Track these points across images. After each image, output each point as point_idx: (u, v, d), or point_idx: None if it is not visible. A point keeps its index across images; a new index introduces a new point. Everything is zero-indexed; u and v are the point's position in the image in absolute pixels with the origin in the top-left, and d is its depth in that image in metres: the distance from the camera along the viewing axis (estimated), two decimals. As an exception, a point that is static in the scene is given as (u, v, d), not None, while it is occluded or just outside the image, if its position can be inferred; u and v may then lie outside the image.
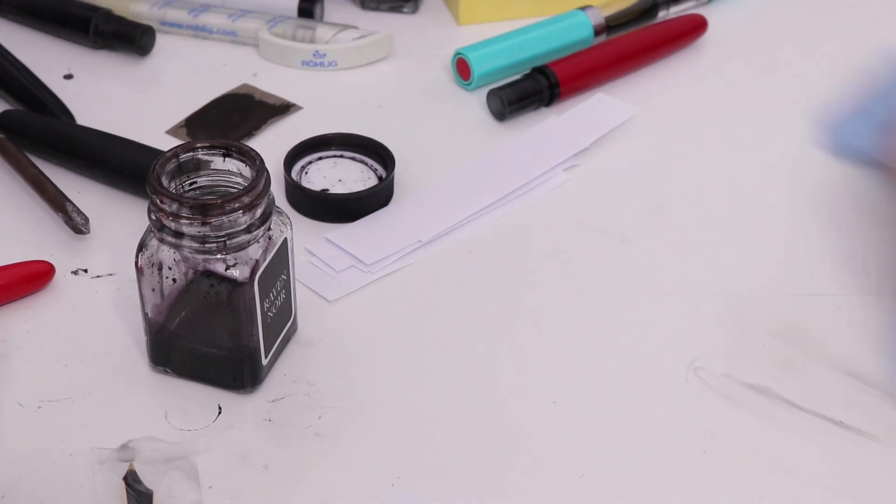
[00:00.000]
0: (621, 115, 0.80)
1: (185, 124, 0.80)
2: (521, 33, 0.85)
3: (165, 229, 0.60)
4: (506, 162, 0.77)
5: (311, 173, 0.76)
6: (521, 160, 0.77)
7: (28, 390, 0.63)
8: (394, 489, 0.59)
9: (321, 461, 0.61)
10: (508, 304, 0.69)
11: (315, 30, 0.86)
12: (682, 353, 0.66)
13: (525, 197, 0.75)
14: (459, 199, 0.74)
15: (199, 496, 0.58)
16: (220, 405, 0.63)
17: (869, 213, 0.73)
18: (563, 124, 0.80)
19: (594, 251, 0.72)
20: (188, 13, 0.87)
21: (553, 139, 0.79)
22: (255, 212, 0.60)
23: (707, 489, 0.60)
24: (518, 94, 0.81)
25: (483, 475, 0.60)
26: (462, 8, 0.89)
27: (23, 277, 0.68)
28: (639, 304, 0.69)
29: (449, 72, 0.85)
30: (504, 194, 0.75)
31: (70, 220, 0.71)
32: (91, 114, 0.80)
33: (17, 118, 0.78)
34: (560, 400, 0.64)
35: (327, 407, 0.63)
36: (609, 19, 0.87)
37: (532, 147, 0.78)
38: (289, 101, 0.83)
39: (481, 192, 0.75)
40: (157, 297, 0.62)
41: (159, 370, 0.64)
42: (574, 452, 0.61)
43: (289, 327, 0.65)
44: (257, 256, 0.60)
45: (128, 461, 0.59)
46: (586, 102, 0.81)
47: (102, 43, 0.85)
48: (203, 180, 0.62)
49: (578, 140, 0.78)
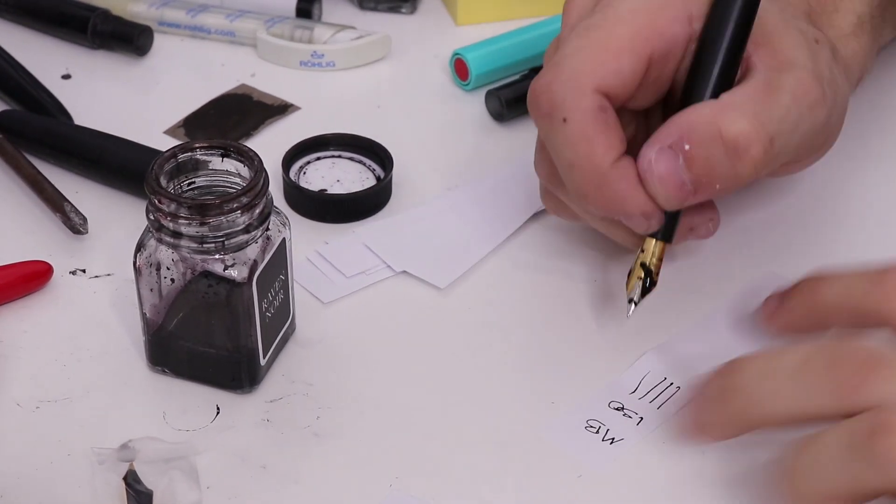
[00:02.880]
0: None
1: (183, 124, 0.80)
2: (519, 34, 0.85)
3: (164, 229, 0.60)
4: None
5: (310, 173, 0.76)
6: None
7: (26, 390, 0.63)
8: (392, 489, 0.59)
9: (319, 461, 0.61)
10: (507, 303, 0.69)
11: (313, 30, 0.86)
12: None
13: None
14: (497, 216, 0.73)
15: (198, 496, 0.58)
16: (219, 405, 0.63)
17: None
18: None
19: (593, 251, 0.72)
20: (186, 13, 0.87)
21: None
22: (254, 212, 0.60)
23: (706, 489, 0.60)
24: (516, 95, 0.80)
25: (481, 475, 0.60)
26: (460, 8, 0.89)
27: (21, 277, 0.68)
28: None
29: (447, 72, 0.85)
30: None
31: (68, 220, 0.71)
32: (89, 114, 0.80)
33: (15, 118, 0.78)
34: (558, 400, 0.64)
35: (325, 407, 0.63)
36: (607, 20, 0.87)
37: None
38: (287, 102, 0.83)
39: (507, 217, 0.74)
40: (156, 298, 0.62)
41: (157, 370, 0.64)
42: (573, 452, 0.61)
43: (287, 327, 0.65)
44: (255, 256, 0.60)
45: (128, 461, 0.59)
46: None
47: (100, 43, 0.85)
48: (201, 180, 0.62)
49: None
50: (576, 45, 0.61)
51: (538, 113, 0.61)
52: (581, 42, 0.61)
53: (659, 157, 0.59)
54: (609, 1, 0.62)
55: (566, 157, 0.60)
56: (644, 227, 0.61)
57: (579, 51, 0.61)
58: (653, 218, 0.61)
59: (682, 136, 0.59)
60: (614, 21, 0.61)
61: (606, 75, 0.60)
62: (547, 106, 0.60)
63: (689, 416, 0.58)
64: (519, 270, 0.71)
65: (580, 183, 0.60)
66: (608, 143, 0.60)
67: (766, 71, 0.61)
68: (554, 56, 0.62)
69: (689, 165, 0.59)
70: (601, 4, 0.62)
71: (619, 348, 0.66)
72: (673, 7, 0.61)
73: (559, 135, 0.60)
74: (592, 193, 0.60)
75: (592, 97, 0.60)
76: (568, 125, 0.60)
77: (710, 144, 0.59)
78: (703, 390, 0.57)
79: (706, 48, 0.61)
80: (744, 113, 0.59)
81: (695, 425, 0.57)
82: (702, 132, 0.59)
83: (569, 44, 0.61)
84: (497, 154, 0.79)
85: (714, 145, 0.59)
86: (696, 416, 0.57)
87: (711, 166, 0.59)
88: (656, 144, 0.59)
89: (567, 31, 0.63)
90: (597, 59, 0.60)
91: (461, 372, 0.65)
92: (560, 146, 0.60)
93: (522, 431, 0.62)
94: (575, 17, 0.64)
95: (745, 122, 0.59)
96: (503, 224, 0.73)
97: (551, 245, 0.72)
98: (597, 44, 0.61)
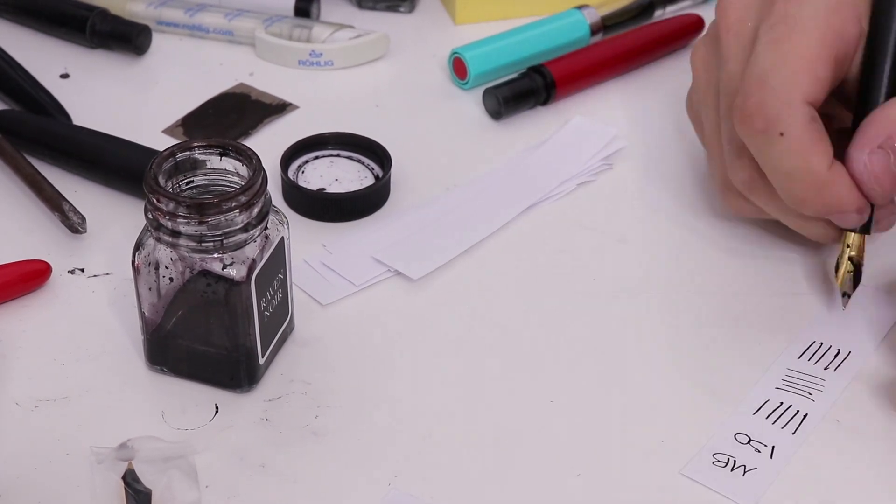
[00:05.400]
0: (603, 138, 0.79)
1: (182, 123, 0.80)
2: (517, 33, 0.85)
3: (162, 228, 0.60)
4: (504, 186, 0.76)
5: (308, 173, 0.76)
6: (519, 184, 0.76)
7: (25, 390, 0.63)
8: (391, 489, 0.59)
9: (318, 460, 0.61)
10: (507, 303, 0.69)
11: (311, 29, 0.86)
12: (681, 352, 0.66)
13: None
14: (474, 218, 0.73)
15: (197, 495, 0.58)
16: (217, 404, 0.63)
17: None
18: (551, 153, 0.78)
19: (593, 251, 0.72)
20: (184, 12, 0.87)
21: (549, 165, 0.77)
22: (252, 211, 0.60)
23: (707, 488, 0.60)
24: (514, 94, 0.81)
25: (481, 475, 0.60)
26: (458, 7, 0.89)
27: (19, 277, 0.68)
28: (638, 304, 0.69)
29: (445, 71, 0.85)
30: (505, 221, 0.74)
31: (66, 220, 0.71)
32: (87, 113, 0.80)
33: (14, 118, 0.78)
34: (557, 399, 0.64)
35: (324, 406, 0.63)
36: (605, 19, 0.87)
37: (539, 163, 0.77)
38: (285, 101, 0.83)
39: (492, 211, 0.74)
40: (154, 297, 0.62)
41: (156, 369, 0.64)
42: (572, 451, 0.61)
43: (285, 326, 0.65)
44: (254, 255, 0.60)
45: (127, 460, 0.59)
46: (565, 129, 0.80)
47: (99, 42, 0.85)
48: (200, 179, 0.62)
49: (570, 169, 0.77)
50: (773, 59, 0.63)
51: (752, 130, 0.63)
52: (777, 55, 0.63)
53: (872, 158, 0.63)
54: (782, 6, 0.64)
55: (784, 168, 0.63)
56: (856, 222, 0.65)
57: (780, 65, 0.63)
58: (865, 214, 0.64)
59: (892, 135, 0.62)
60: (801, 31, 0.63)
61: (811, 86, 0.63)
62: (762, 123, 0.63)
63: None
64: (519, 271, 0.71)
65: (800, 190, 0.64)
66: (823, 151, 0.63)
67: None
68: (748, 70, 0.64)
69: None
70: (775, 10, 0.65)
71: (620, 348, 0.66)
72: (845, 8, 0.64)
73: (776, 148, 0.63)
74: (812, 199, 0.63)
75: (804, 109, 0.63)
76: (785, 139, 0.63)
77: None
78: None
79: (877, 45, 0.65)
80: None
81: None
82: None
83: (764, 58, 0.64)
84: (495, 152, 0.79)
85: None
86: None
87: None
88: (866, 146, 0.63)
89: (733, 38, 0.66)
90: (798, 70, 0.63)
91: (461, 371, 0.65)
92: (777, 159, 0.63)
93: (522, 431, 0.62)
94: (734, 20, 0.66)
95: None
96: (492, 220, 0.73)
97: (552, 243, 0.73)
98: (794, 55, 0.63)
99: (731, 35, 0.67)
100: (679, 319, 0.68)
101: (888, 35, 0.64)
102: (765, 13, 0.65)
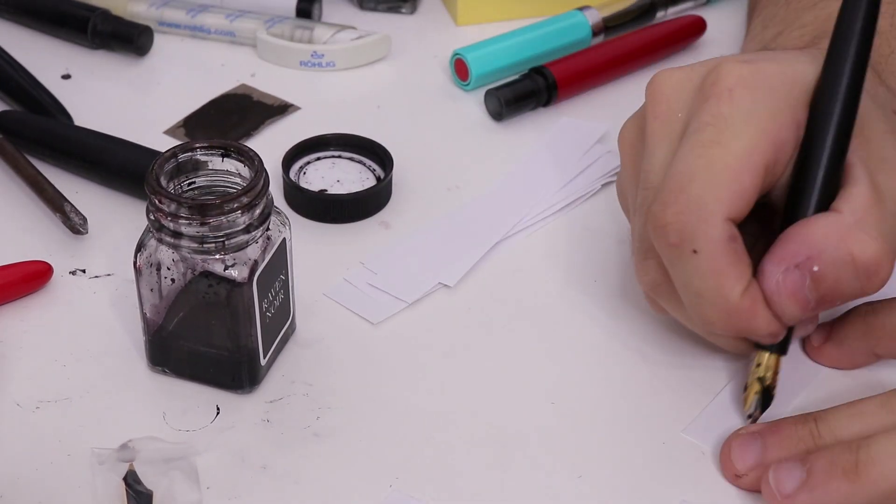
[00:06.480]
0: (593, 134, 0.79)
1: (184, 124, 0.80)
2: (518, 34, 0.85)
3: (164, 229, 0.60)
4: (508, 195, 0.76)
5: (310, 174, 0.76)
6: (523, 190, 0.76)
7: (26, 391, 0.63)
8: (392, 490, 0.59)
9: (319, 462, 0.61)
10: (508, 306, 0.69)
11: (313, 30, 0.86)
12: (682, 353, 0.66)
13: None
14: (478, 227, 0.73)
15: (198, 496, 0.58)
16: (219, 405, 0.63)
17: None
18: (546, 154, 0.79)
19: (594, 253, 0.72)
20: (186, 13, 0.87)
21: (547, 171, 0.77)
22: (254, 212, 0.60)
23: (708, 488, 0.60)
24: (516, 95, 0.81)
25: (481, 476, 0.60)
26: (460, 8, 0.89)
27: (21, 277, 0.68)
28: (639, 305, 0.69)
29: (447, 72, 0.85)
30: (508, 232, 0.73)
31: (68, 221, 0.71)
32: (89, 114, 0.80)
33: (15, 119, 0.78)
34: (558, 401, 0.64)
35: (325, 407, 0.63)
36: (607, 20, 0.87)
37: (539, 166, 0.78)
38: (287, 102, 0.83)
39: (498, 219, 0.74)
40: (156, 298, 0.62)
41: (158, 370, 0.64)
42: (572, 453, 0.61)
43: (287, 328, 0.65)
44: (256, 256, 0.60)
45: (128, 461, 0.59)
46: (554, 129, 0.80)
47: (100, 43, 0.85)
48: (201, 180, 0.62)
49: (568, 170, 0.77)
50: (695, 167, 0.58)
51: (665, 243, 0.59)
52: (702, 162, 0.58)
53: (786, 277, 0.58)
54: (714, 105, 0.59)
55: (694, 288, 0.59)
56: (769, 342, 0.61)
57: (704, 173, 0.58)
58: (779, 334, 0.60)
59: (811, 256, 0.58)
60: (730, 135, 0.58)
61: (733, 200, 0.58)
62: (675, 237, 0.58)
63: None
64: (519, 272, 0.71)
65: (709, 313, 0.59)
66: (738, 275, 0.58)
67: (865, 172, 0.59)
68: (670, 172, 0.59)
69: (817, 285, 0.58)
70: (707, 107, 0.59)
71: (621, 350, 0.66)
72: (782, 113, 0.59)
73: (688, 265, 0.58)
74: (721, 322, 0.59)
75: (723, 227, 0.58)
76: (698, 257, 0.58)
77: (841, 267, 0.58)
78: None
79: (811, 153, 0.59)
80: (871, 234, 0.58)
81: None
82: (832, 254, 0.58)
83: (687, 162, 0.59)
84: (497, 154, 0.79)
85: (845, 269, 0.58)
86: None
87: (840, 287, 0.58)
88: (782, 264, 0.58)
89: (660, 127, 0.61)
90: (723, 182, 0.58)
91: (461, 372, 0.65)
92: (688, 276, 0.59)
93: (523, 434, 0.62)
94: (663, 108, 0.61)
95: (876, 245, 0.57)
96: (497, 227, 0.73)
97: (554, 246, 0.73)
98: (721, 164, 0.58)
99: (658, 122, 0.61)
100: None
101: (824, 141, 0.59)
102: (697, 107, 0.60)
